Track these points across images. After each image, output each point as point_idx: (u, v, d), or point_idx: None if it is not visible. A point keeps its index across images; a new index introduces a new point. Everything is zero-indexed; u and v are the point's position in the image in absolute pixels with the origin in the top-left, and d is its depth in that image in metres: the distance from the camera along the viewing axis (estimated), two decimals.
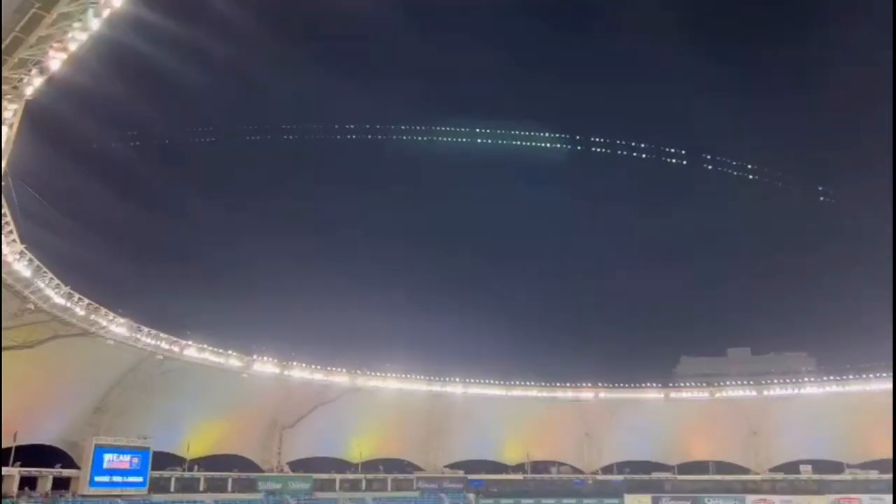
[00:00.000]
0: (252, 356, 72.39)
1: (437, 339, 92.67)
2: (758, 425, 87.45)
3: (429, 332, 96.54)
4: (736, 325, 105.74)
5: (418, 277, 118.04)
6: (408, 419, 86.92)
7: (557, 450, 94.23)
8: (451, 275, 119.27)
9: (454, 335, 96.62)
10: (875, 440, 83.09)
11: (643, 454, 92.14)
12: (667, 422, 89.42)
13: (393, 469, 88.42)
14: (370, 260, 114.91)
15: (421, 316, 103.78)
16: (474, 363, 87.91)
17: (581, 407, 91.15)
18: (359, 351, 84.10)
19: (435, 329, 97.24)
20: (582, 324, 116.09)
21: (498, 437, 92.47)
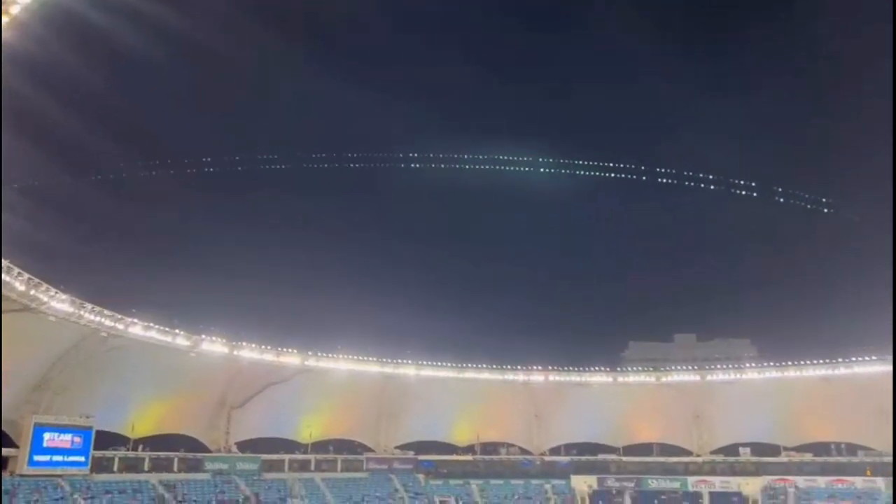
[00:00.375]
0: (200, 335, 71.23)
1: (390, 321, 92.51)
2: (701, 409, 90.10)
3: (382, 314, 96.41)
4: (683, 311, 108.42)
5: (372, 260, 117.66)
6: (359, 400, 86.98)
7: (507, 431, 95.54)
8: (406, 259, 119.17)
9: (407, 318, 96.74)
10: (810, 424, 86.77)
11: (590, 436, 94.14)
12: (614, 404, 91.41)
13: (343, 450, 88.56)
14: (324, 241, 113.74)
15: (374, 298, 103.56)
16: (427, 345, 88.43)
17: (531, 389, 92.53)
18: (311, 332, 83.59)
19: (388, 311, 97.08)
20: (533, 308, 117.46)
21: (448, 419, 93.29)
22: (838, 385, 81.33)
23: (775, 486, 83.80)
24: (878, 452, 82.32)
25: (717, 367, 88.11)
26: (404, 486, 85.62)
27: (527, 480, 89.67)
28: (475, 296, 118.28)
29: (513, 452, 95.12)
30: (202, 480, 74.64)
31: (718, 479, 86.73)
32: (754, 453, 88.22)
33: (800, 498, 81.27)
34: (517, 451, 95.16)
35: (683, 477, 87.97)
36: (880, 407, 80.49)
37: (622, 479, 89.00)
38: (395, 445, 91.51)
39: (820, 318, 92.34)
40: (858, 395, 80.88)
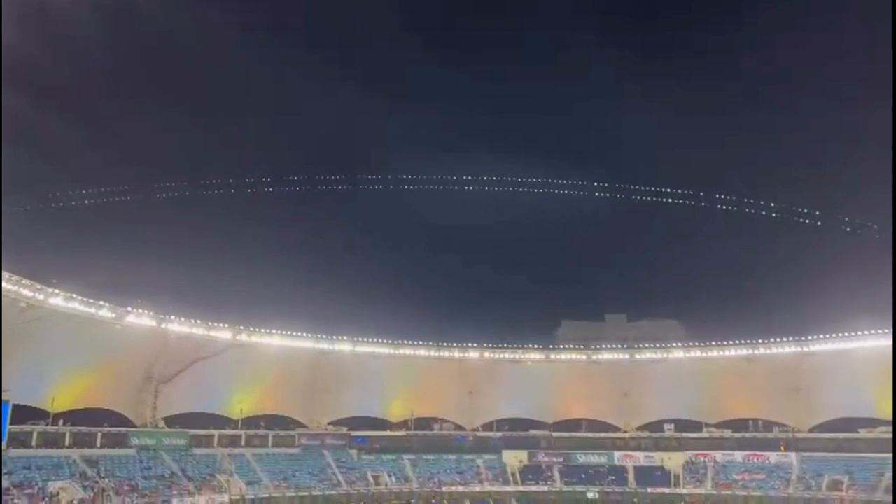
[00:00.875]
0: (126, 308, 69.09)
1: (325, 298, 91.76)
2: (629, 387, 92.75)
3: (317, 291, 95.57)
4: (615, 293, 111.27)
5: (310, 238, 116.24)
6: (292, 376, 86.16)
7: (441, 407, 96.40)
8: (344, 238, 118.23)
9: (343, 295, 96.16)
10: (730, 402, 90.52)
11: (522, 412, 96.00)
12: (546, 382, 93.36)
13: (275, 425, 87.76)
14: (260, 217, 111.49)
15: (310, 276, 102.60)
16: (362, 322, 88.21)
17: (466, 366, 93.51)
18: (243, 307, 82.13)
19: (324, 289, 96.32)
20: (471, 288, 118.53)
21: (383, 395, 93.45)
22: (757, 365, 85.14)
23: (696, 461, 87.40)
24: (792, 429, 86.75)
25: (646, 347, 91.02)
26: (336, 462, 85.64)
27: (459, 455, 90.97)
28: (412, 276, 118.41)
29: (446, 428, 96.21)
30: (127, 456, 72.85)
31: (643, 454, 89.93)
32: (678, 429, 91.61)
33: (718, 471, 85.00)
34: (451, 426, 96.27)
35: (610, 452, 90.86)
36: (795, 386, 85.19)
37: (552, 454, 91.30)
38: (328, 421, 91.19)
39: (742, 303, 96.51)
40: (775, 375, 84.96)
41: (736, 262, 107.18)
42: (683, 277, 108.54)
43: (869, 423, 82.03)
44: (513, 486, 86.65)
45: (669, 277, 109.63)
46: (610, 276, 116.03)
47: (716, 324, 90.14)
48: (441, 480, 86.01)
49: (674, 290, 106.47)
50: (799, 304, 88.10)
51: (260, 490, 76.30)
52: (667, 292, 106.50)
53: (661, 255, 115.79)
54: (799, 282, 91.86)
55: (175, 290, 78.65)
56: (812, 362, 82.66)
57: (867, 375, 79.14)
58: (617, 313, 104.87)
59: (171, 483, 71.16)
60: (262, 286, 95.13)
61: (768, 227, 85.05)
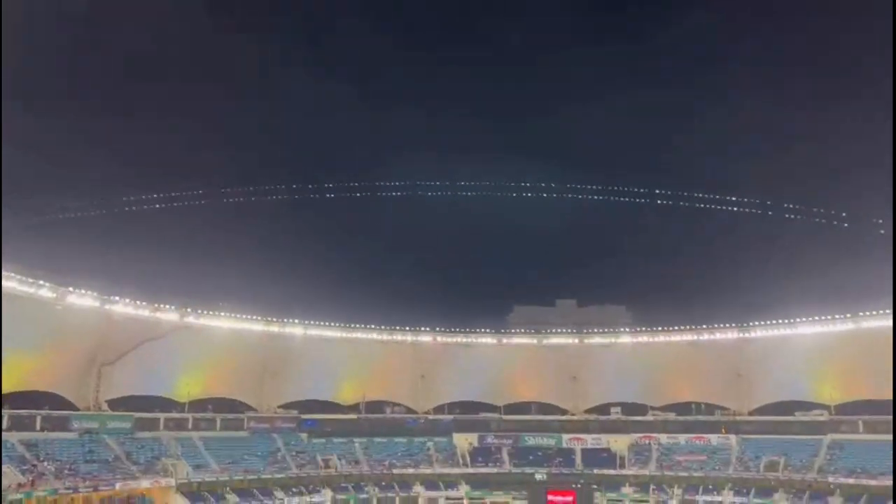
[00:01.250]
0: (68, 287, 66.80)
1: (276, 280, 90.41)
2: (577, 371, 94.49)
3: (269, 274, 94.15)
4: (566, 279, 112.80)
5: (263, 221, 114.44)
6: (241, 359, 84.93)
7: (393, 391, 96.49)
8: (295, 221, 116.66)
9: (294, 278, 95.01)
10: (674, 386, 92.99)
11: (473, 395, 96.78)
12: (497, 366, 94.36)
13: (223, 409, 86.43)
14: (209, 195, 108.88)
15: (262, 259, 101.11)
16: (314, 305, 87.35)
17: (418, 350, 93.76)
18: (191, 288, 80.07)
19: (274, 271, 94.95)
20: (425, 273, 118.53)
21: (334, 378, 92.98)
22: (701, 351, 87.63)
23: (641, 443, 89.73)
24: (732, 412, 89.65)
25: (595, 332, 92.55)
26: (286, 445, 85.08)
27: (410, 438, 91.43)
28: (364, 259, 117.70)
29: (398, 412, 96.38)
30: (68, 439, 71.01)
31: (590, 436, 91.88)
32: (624, 413, 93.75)
33: (662, 453, 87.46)
34: (402, 410, 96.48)
35: (558, 434, 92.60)
36: (736, 371, 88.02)
37: (501, 437, 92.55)
38: (277, 405, 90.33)
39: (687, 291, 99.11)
40: (717, 360, 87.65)
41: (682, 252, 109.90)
42: (632, 265, 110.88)
43: (804, 407, 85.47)
44: (462, 467, 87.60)
45: (618, 265, 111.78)
46: (561, 262, 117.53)
47: (662, 310, 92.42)
48: (392, 463, 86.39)
49: (622, 278, 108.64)
50: (741, 292, 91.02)
51: (207, 474, 75.27)
52: (616, 279, 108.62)
53: (611, 243, 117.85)
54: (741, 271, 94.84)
55: (120, 271, 76.52)
56: (753, 348, 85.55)
57: (803, 361, 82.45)
58: (567, 299, 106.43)
59: (115, 467, 69.65)
60: (212, 267, 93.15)
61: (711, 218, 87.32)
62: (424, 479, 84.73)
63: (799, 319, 79.47)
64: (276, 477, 79.15)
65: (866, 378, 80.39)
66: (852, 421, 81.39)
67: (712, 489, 79.87)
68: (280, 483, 78.71)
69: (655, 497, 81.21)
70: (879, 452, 75.58)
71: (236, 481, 76.09)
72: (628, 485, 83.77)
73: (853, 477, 73.49)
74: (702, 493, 79.85)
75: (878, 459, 74.54)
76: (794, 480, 77.11)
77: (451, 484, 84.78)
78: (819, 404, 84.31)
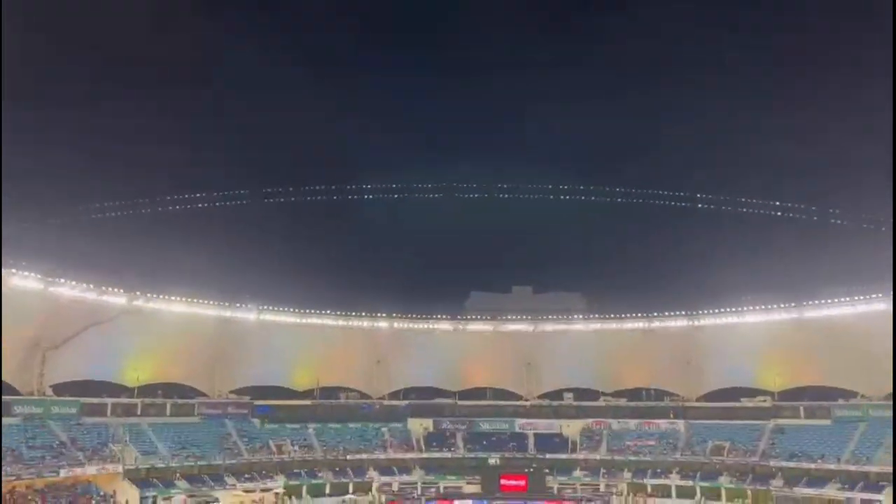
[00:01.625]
0: (10, 269, 64.47)
1: (228, 263, 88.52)
2: (532, 357, 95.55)
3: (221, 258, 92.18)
4: (522, 265, 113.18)
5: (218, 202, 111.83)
6: (192, 343, 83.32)
7: (348, 376, 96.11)
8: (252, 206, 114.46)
9: (247, 262, 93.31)
10: (626, 372, 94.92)
11: (428, 381, 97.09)
12: (453, 351, 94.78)
13: (173, 394, 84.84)
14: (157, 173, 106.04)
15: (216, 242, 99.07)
16: (267, 289, 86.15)
17: (374, 335, 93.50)
18: (140, 270, 77.96)
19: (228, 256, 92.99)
20: (381, 258, 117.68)
21: (287, 364, 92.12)
22: (652, 338, 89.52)
23: (593, 429, 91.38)
24: (681, 398, 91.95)
25: (550, 318, 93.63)
26: (238, 431, 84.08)
27: (364, 424, 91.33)
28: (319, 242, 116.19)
29: (353, 397, 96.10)
30: (10, 425, 68.46)
31: (543, 421, 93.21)
32: (577, 398, 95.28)
33: (612, 438, 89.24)
34: (357, 395, 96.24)
35: (512, 419, 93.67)
36: (685, 357, 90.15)
37: (456, 422, 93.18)
38: (229, 390, 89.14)
39: (641, 278, 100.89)
40: (668, 347, 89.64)
41: (636, 242, 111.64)
42: (587, 253, 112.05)
43: (749, 393, 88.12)
44: (417, 453, 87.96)
45: (574, 253, 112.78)
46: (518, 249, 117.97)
47: (616, 298, 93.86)
48: (346, 449, 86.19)
49: (578, 266, 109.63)
50: (692, 281, 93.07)
51: (156, 460, 73.98)
52: (571, 267, 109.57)
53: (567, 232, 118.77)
54: (691, 261, 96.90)
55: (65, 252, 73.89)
56: (702, 336, 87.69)
57: (750, 348, 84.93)
58: (523, 285, 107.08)
59: (60, 453, 67.86)
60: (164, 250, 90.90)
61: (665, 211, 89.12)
62: (378, 464, 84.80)
63: (746, 308, 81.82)
64: (228, 463, 78.21)
65: (807, 365, 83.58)
66: (794, 407, 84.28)
67: (660, 473, 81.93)
68: (232, 469, 77.83)
69: (605, 481, 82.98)
70: (819, 437, 78.81)
71: (187, 467, 74.91)
72: (579, 469, 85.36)
73: (794, 461, 76.30)
74: (650, 476, 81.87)
75: (818, 443, 77.68)
76: (738, 464, 79.66)
77: (406, 469, 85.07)
78: (763, 390, 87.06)
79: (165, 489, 70.37)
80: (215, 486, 73.53)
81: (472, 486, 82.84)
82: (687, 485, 79.19)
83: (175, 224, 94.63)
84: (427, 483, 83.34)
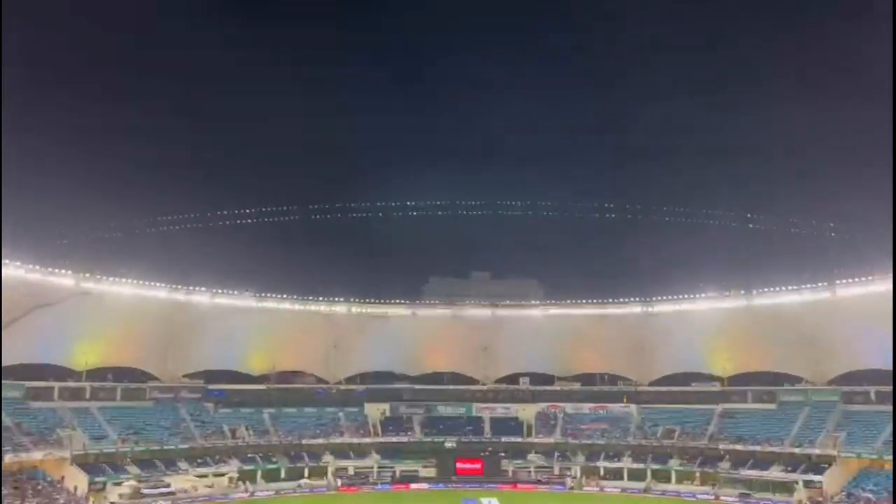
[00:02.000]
0: None
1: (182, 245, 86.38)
2: (489, 342, 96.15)
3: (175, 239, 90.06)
4: (481, 251, 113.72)
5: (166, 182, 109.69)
6: (144, 327, 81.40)
7: (304, 361, 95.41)
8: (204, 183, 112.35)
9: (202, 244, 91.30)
10: (581, 357, 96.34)
11: (386, 365, 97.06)
12: (411, 336, 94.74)
13: (124, 378, 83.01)
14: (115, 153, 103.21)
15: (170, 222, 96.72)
16: (222, 272, 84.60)
17: (331, 320, 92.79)
18: (89, 251, 75.50)
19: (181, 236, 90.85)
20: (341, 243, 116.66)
21: (243, 348, 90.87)
22: (606, 323, 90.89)
23: (548, 412, 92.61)
24: (634, 382, 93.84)
25: (507, 304, 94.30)
26: (191, 415, 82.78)
27: (321, 408, 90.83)
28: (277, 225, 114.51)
29: (309, 382, 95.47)
30: None
31: (500, 405, 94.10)
32: (532, 383, 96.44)
33: (566, 421, 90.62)
34: (313, 380, 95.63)
35: (469, 403, 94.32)
36: (639, 343, 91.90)
37: (413, 406, 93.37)
38: (183, 374, 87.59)
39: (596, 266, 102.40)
40: (622, 332, 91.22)
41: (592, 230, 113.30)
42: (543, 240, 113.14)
43: (699, 378, 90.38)
44: (373, 437, 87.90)
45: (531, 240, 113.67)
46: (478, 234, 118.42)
47: (572, 284, 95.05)
48: (301, 433, 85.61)
49: (535, 253, 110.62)
50: (645, 268, 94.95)
51: (106, 445, 72.43)
52: (529, 254, 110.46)
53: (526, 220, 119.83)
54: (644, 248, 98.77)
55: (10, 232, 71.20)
56: (655, 322, 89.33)
57: (700, 334, 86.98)
58: (482, 271, 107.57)
59: (5, 438, 65.44)
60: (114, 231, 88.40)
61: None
62: (335, 448, 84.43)
63: (698, 295, 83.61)
64: (181, 448, 77.02)
65: (755, 351, 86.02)
66: (742, 392, 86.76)
67: (613, 456, 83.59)
68: (185, 454, 76.68)
69: (560, 463, 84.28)
70: (764, 420, 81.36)
71: (138, 452, 73.56)
72: (534, 452, 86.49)
73: (741, 443, 78.63)
74: (603, 459, 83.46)
75: (764, 427, 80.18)
76: (687, 447, 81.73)
77: (362, 453, 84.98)
78: (713, 376, 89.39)
79: (115, 475, 69.00)
80: (168, 472, 72.44)
81: (428, 469, 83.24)
82: (638, 467, 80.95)
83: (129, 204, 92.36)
84: (383, 467, 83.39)
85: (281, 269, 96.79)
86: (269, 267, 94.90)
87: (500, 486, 79.50)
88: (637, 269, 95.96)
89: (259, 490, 74.50)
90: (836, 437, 72.73)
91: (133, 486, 67.39)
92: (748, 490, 71.95)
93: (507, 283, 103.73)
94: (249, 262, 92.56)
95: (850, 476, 68.60)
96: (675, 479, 78.60)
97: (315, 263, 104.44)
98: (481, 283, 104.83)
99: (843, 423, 75.28)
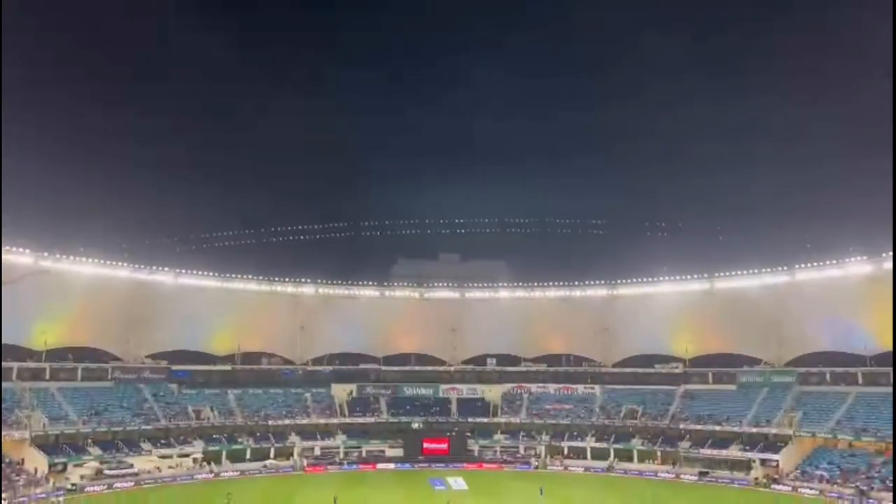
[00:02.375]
0: None
1: (145, 223, 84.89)
2: (457, 323, 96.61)
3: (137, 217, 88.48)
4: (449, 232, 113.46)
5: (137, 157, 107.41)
6: (105, 306, 79.86)
7: (271, 341, 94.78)
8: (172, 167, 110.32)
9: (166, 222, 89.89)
10: (547, 339, 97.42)
11: (353, 346, 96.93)
12: (378, 317, 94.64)
13: (85, 358, 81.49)
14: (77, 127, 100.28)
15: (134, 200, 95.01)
16: (187, 252, 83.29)
17: (298, 301, 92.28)
18: (47, 229, 73.72)
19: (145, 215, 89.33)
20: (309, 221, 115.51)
21: (208, 328, 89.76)
22: (572, 306, 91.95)
23: (514, 393, 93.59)
24: (598, 363, 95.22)
25: (475, 286, 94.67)
26: (154, 396, 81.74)
27: (287, 389, 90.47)
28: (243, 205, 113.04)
29: (275, 363, 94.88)
30: None
31: (466, 386, 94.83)
32: (499, 364, 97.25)
33: (532, 402, 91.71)
34: (279, 360, 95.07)
35: (436, 384, 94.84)
36: (603, 325, 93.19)
37: (380, 387, 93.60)
38: (146, 354, 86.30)
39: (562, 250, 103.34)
40: (587, 315, 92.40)
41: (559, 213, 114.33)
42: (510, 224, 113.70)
43: (663, 360, 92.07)
44: (340, 418, 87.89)
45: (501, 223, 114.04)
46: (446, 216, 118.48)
47: (539, 267, 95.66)
48: (267, 414, 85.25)
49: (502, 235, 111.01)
50: (610, 251, 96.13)
51: (66, 426, 71.23)
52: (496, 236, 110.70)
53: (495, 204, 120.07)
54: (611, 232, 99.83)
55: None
56: (619, 304, 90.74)
57: (663, 317, 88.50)
58: (451, 252, 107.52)
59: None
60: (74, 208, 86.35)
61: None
62: (301, 429, 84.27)
63: (661, 279, 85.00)
64: (144, 429, 76.14)
65: (716, 334, 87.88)
66: (703, 373, 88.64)
67: (577, 435, 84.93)
68: (147, 435, 75.83)
69: (525, 443, 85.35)
70: (724, 401, 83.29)
71: (99, 433, 72.53)
72: (500, 432, 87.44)
73: (701, 423, 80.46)
74: (567, 438, 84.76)
75: (723, 407, 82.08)
76: (649, 427, 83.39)
77: (328, 434, 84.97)
78: (675, 357, 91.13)
79: (77, 456, 67.98)
80: (130, 453, 71.56)
81: (394, 449, 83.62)
82: (601, 447, 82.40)
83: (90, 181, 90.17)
84: (349, 447, 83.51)
85: (248, 250, 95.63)
86: (235, 247, 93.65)
87: (466, 465, 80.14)
88: (602, 254, 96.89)
89: (224, 471, 74.00)
90: (792, 417, 74.87)
91: (95, 467, 66.45)
92: (706, 468, 73.79)
93: (476, 265, 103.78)
94: (216, 242, 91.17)
95: (805, 455, 70.83)
96: (636, 459, 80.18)
97: (282, 244, 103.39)
98: (450, 265, 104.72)
99: (799, 403, 77.51)
